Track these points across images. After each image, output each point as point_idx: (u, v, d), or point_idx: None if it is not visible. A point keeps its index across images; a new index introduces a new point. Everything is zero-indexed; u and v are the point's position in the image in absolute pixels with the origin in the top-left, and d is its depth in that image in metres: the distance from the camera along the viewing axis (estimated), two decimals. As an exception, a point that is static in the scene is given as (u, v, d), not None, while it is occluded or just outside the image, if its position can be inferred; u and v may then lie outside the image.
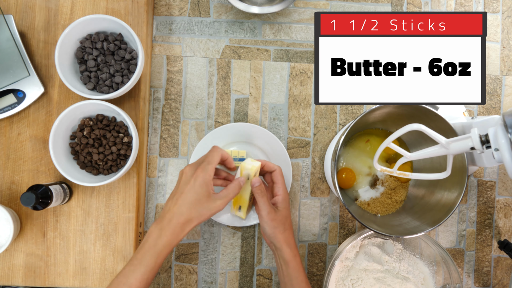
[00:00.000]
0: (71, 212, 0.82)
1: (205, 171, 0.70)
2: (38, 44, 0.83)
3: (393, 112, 0.77)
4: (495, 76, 0.90)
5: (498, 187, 0.89)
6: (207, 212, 0.69)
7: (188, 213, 0.68)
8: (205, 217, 0.69)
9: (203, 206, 0.68)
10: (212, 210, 0.69)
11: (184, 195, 0.69)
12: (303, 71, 0.88)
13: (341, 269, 0.81)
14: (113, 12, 0.83)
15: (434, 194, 0.79)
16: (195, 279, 0.86)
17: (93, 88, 0.80)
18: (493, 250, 0.88)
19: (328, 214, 0.87)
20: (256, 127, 0.84)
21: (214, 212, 0.69)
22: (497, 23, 0.90)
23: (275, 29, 0.89)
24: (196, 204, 0.68)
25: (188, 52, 0.88)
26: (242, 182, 0.74)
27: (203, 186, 0.69)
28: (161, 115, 0.87)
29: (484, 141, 0.58)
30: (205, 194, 0.69)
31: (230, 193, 0.71)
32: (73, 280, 0.81)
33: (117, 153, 0.79)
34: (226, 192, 0.71)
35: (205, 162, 0.71)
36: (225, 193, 0.71)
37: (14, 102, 0.80)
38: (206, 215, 0.69)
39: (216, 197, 0.70)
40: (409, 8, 0.90)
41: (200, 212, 0.68)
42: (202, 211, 0.68)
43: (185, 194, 0.69)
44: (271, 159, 0.85)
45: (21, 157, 0.82)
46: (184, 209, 0.68)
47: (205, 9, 0.89)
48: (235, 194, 0.72)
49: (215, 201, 0.69)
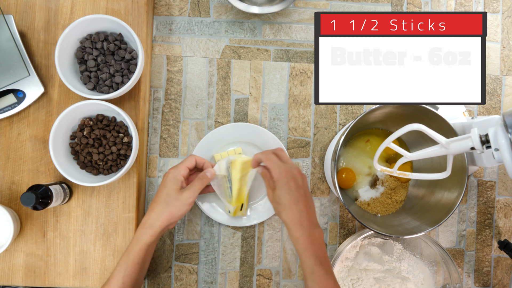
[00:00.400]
0: (71, 212, 0.82)
1: (175, 168, 0.75)
2: (38, 44, 0.83)
3: (393, 112, 0.77)
4: (495, 76, 0.90)
5: (498, 187, 0.89)
6: (177, 203, 0.73)
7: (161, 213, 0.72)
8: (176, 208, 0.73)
9: (172, 198, 0.73)
10: (181, 200, 0.73)
11: (157, 195, 0.74)
12: (303, 71, 0.88)
13: (341, 269, 0.81)
14: (113, 12, 0.83)
15: (434, 194, 0.79)
16: (195, 279, 0.86)
17: (93, 88, 0.80)
18: (493, 250, 0.88)
19: (328, 214, 0.87)
20: (256, 127, 0.84)
21: (184, 203, 0.73)
22: (497, 23, 0.90)
23: (275, 29, 0.89)
24: (167, 198, 0.73)
25: (188, 52, 0.88)
26: (209, 173, 0.77)
27: (172, 180, 0.74)
28: (161, 115, 0.87)
29: (484, 141, 0.58)
30: (174, 187, 0.73)
31: (195, 183, 0.75)
32: (73, 280, 0.81)
33: (117, 153, 0.79)
34: (192, 183, 0.75)
35: (179, 163, 0.76)
36: (191, 184, 0.75)
37: (14, 102, 0.80)
38: (176, 206, 0.73)
39: (184, 189, 0.74)
40: (409, 8, 0.90)
41: (170, 203, 0.72)
42: (172, 202, 0.73)
43: (158, 193, 0.74)
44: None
45: (21, 157, 0.82)
46: (156, 206, 0.73)
47: (205, 9, 0.89)
48: (201, 185, 0.76)
49: (182, 192, 0.74)
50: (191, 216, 0.86)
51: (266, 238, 0.87)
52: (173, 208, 0.72)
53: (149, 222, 0.72)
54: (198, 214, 0.87)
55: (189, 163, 0.76)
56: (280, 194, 0.71)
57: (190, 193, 0.74)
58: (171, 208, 0.72)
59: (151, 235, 0.71)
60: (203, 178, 0.77)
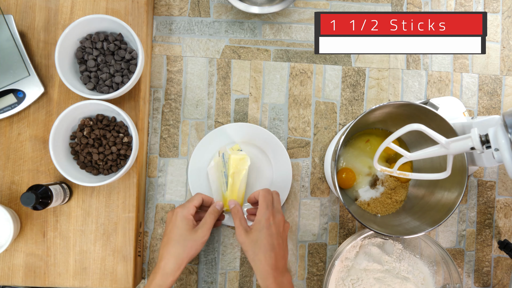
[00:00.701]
0: (71, 212, 0.82)
1: (183, 207, 0.74)
2: (38, 44, 0.83)
3: (393, 112, 0.77)
4: (495, 76, 0.90)
5: (498, 187, 0.89)
6: (193, 243, 0.72)
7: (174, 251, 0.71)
8: (193, 249, 0.72)
9: (187, 239, 0.72)
10: (197, 240, 0.72)
11: (168, 236, 0.73)
12: (303, 71, 0.88)
13: (341, 269, 0.81)
14: (113, 12, 0.83)
15: (434, 194, 0.79)
16: (195, 279, 0.86)
17: (93, 88, 0.80)
18: (493, 250, 0.88)
19: (328, 214, 0.87)
20: (256, 127, 0.84)
21: (200, 242, 0.72)
22: (497, 23, 0.90)
23: (275, 29, 0.89)
24: (180, 239, 0.72)
25: (188, 52, 0.88)
26: (218, 206, 0.77)
27: (183, 220, 0.73)
28: (161, 115, 0.87)
29: (484, 141, 0.58)
30: (186, 227, 0.72)
31: (207, 219, 0.75)
32: (73, 280, 0.81)
33: (117, 153, 0.79)
34: (203, 220, 0.75)
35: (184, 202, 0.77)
36: (203, 221, 0.74)
37: (14, 102, 0.80)
38: (193, 247, 0.72)
39: (197, 228, 0.73)
40: (409, 8, 0.90)
41: (186, 245, 0.71)
42: (188, 243, 0.72)
43: (169, 234, 0.73)
44: (271, 159, 0.85)
45: (21, 157, 0.82)
46: (172, 249, 0.71)
47: (205, 9, 0.89)
48: (213, 219, 0.75)
49: (196, 231, 0.73)
50: (191, 216, 0.87)
51: (266, 238, 0.87)
52: (190, 249, 0.71)
53: (169, 268, 0.70)
54: (198, 214, 0.87)
55: (196, 202, 0.76)
56: (258, 237, 0.71)
57: (204, 231, 0.73)
58: (189, 250, 0.71)
59: (172, 281, 0.70)
60: (214, 212, 0.76)
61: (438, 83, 0.89)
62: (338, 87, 0.89)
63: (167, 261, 0.71)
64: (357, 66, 0.89)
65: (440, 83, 0.89)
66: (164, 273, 0.70)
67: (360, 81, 0.89)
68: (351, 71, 0.89)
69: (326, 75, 0.89)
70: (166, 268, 0.70)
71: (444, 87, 0.89)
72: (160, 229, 0.86)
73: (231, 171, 0.79)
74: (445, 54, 0.82)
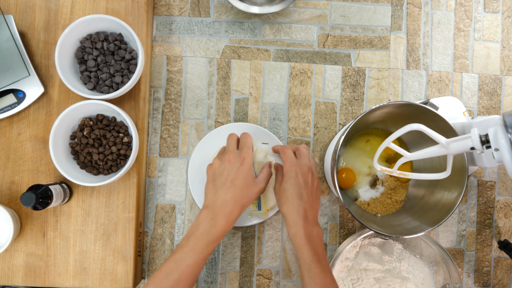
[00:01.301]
0: (71, 212, 0.82)
1: (250, 155, 0.72)
2: (38, 44, 0.83)
3: (393, 112, 0.77)
4: (495, 76, 0.90)
5: (498, 187, 0.89)
6: (254, 195, 0.71)
7: (240, 199, 0.69)
8: (252, 201, 0.71)
9: (251, 190, 0.71)
10: (257, 193, 0.72)
11: (235, 182, 0.69)
12: (303, 71, 0.88)
13: (341, 269, 0.81)
14: (113, 12, 0.83)
15: (434, 194, 0.79)
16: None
17: (93, 88, 0.80)
18: (493, 250, 0.88)
19: (328, 214, 0.87)
20: (256, 127, 0.84)
21: (259, 195, 0.73)
22: (497, 23, 0.90)
23: (275, 29, 0.89)
24: (245, 189, 0.70)
25: (188, 52, 0.88)
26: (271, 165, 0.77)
27: (250, 169, 0.71)
28: (161, 115, 0.87)
29: (484, 141, 0.58)
30: (251, 177, 0.71)
31: (266, 175, 0.74)
32: (73, 280, 0.81)
33: (117, 153, 0.79)
34: (264, 175, 0.74)
35: (245, 147, 0.73)
36: (264, 175, 0.74)
37: (14, 102, 0.80)
38: (253, 198, 0.71)
39: (258, 181, 0.73)
40: (409, 8, 0.90)
41: (250, 197, 0.70)
42: (251, 195, 0.71)
43: (236, 181, 0.70)
44: (271, 159, 0.85)
45: (21, 157, 0.82)
46: (237, 196, 0.69)
47: (205, 9, 0.89)
48: (270, 175, 0.75)
49: (258, 184, 0.72)
50: (191, 216, 0.86)
51: (266, 238, 0.87)
52: (252, 193, 0.70)
53: (235, 215, 0.68)
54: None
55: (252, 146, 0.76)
56: (286, 186, 0.72)
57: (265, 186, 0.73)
58: (250, 193, 0.70)
59: (229, 223, 0.67)
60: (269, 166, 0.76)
61: (438, 83, 0.89)
62: (338, 87, 0.89)
63: (233, 208, 0.68)
64: (357, 66, 0.89)
65: (440, 83, 0.89)
66: (230, 221, 0.67)
67: (360, 81, 0.89)
68: (351, 71, 0.89)
69: (326, 75, 0.89)
70: (233, 215, 0.68)
71: (444, 87, 0.89)
72: (160, 229, 0.86)
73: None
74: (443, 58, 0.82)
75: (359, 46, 0.89)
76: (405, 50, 0.89)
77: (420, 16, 0.90)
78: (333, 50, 0.89)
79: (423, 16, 0.90)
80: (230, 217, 0.68)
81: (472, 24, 0.90)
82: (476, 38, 0.90)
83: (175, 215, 0.86)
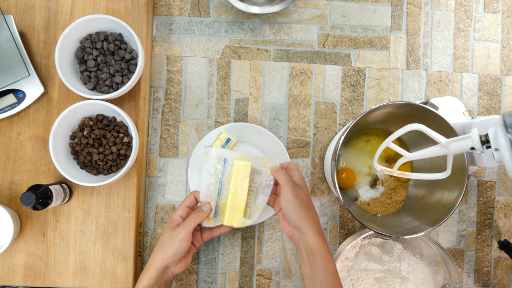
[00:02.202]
0: (71, 212, 0.82)
1: (174, 210, 0.74)
2: (38, 44, 0.83)
3: (393, 112, 0.77)
4: (495, 76, 0.90)
5: (498, 187, 0.89)
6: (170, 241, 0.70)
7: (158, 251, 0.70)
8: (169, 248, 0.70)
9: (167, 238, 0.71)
10: (172, 238, 0.70)
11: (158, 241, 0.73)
12: (303, 71, 0.88)
13: (341, 269, 0.81)
14: (113, 12, 0.83)
15: (434, 194, 0.79)
16: (195, 279, 0.86)
17: (93, 88, 0.80)
18: (493, 250, 0.88)
19: (328, 214, 0.87)
20: (256, 127, 0.84)
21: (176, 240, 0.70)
22: (497, 23, 0.90)
23: (275, 29, 0.89)
24: (162, 239, 0.71)
25: (188, 52, 0.88)
26: (205, 208, 0.73)
27: (169, 222, 0.73)
28: (161, 115, 0.87)
29: (484, 141, 0.58)
30: (169, 227, 0.72)
31: (188, 218, 0.72)
32: (73, 280, 0.81)
33: (117, 153, 0.79)
34: (185, 220, 0.72)
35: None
36: (185, 221, 0.72)
37: (14, 102, 0.80)
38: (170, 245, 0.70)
39: (177, 227, 0.72)
40: (409, 8, 0.90)
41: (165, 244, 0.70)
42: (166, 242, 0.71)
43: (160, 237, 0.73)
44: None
45: (21, 157, 0.82)
46: (154, 251, 0.71)
47: (205, 9, 0.89)
48: (195, 219, 0.72)
49: (174, 229, 0.71)
50: (191, 216, 0.86)
51: (266, 238, 0.87)
52: (166, 247, 0.70)
53: (147, 265, 0.70)
54: (198, 214, 0.87)
55: (188, 202, 0.74)
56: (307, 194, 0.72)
57: (180, 228, 0.70)
58: (164, 248, 0.70)
59: (148, 277, 0.69)
60: (198, 212, 0.73)
61: (438, 83, 0.89)
62: (338, 87, 0.89)
63: (151, 261, 0.70)
64: (357, 66, 0.89)
65: (440, 83, 0.89)
66: (143, 271, 0.70)
67: (360, 81, 0.89)
68: (351, 71, 0.89)
69: (326, 75, 0.89)
70: (145, 267, 0.70)
71: (444, 87, 0.89)
72: (160, 229, 0.86)
73: (233, 178, 0.74)
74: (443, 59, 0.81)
75: (359, 46, 0.89)
76: (405, 50, 0.90)
77: (420, 16, 0.90)
78: (333, 50, 0.89)
79: (423, 16, 0.90)
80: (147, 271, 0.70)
81: (472, 24, 0.90)
82: (476, 38, 0.90)
83: (175, 215, 0.86)
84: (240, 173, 0.74)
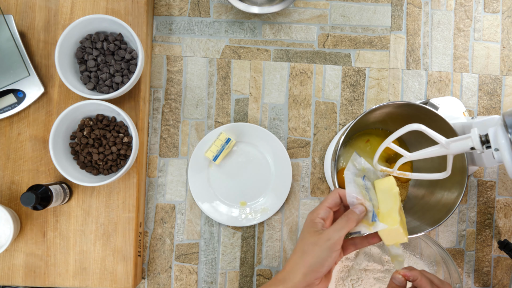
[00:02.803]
0: (71, 212, 0.82)
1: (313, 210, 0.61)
2: (38, 44, 0.83)
3: (393, 112, 0.77)
4: (495, 76, 0.90)
5: (498, 187, 0.89)
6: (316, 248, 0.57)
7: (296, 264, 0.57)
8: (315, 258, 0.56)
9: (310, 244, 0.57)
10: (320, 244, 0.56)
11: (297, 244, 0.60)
12: (303, 71, 0.88)
13: (341, 269, 0.81)
14: (113, 12, 0.83)
15: (434, 194, 0.79)
16: (195, 279, 0.86)
17: (93, 88, 0.80)
18: (493, 250, 0.88)
19: (328, 214, 0.87)
20: (256, 127, 0.84)
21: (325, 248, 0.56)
22: (497, 23, 0.90)
23: (275, 29, 0.89)
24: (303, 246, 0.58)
25: (188, 52, 0.88)
26: (357, 210, 0.59)
27: (308, 224, 0.60)
28: (161, 115, 0.87)
29: (484, 141, 0.58)
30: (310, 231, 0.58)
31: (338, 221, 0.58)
32: (73, 280, 0.81)
33: (117, 153, 0.79)
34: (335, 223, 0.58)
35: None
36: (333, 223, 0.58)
37: (14, 102, 0.80)
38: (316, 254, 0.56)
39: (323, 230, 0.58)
40: (409, 8, 0.90)
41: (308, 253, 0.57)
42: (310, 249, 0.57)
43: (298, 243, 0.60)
44: (271, 159, 0.85)
45: (21, 157, 0.82)
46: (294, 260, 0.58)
47: (205, 9, 0.89)
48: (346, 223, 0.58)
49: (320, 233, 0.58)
50: (191, 216, 0.86)
51: (266, 238, 0.87)
52: (310, 256, 0.56)
53: (282, 277, 0.57)
54: (198, 214, 0.87)
55: (331, 201, 0.60)
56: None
57: (332, 232, 0.56)
58: (307, 256, 0.56)
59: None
60: (351, 214, 0.58)
61: (438, 83, 0.89)
62: (338, 87, 0.89)
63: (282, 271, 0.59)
64: (357, 66, 0.89)
65: (440, 83, 0.89)
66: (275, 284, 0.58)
67: (360, 81, 0.89)
68: (351, 71, 0.89)
69: (326, 75, 0.89)
70: (277, 279, 0.58)
71: (444, 87, 0.89)
72: (160, 229, 0.86)
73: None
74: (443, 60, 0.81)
75: (359, 46, 0.89)
76: (405, 50, 0.90)
77: (420, 16, 0.90)
78: (333, 50, 0.89)
79: (423, 16, 0.90)
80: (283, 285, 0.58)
81: (472, 24, 0.90)
82: (476, 38, 0.90)
83: (175, 215, 0.86)
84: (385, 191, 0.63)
